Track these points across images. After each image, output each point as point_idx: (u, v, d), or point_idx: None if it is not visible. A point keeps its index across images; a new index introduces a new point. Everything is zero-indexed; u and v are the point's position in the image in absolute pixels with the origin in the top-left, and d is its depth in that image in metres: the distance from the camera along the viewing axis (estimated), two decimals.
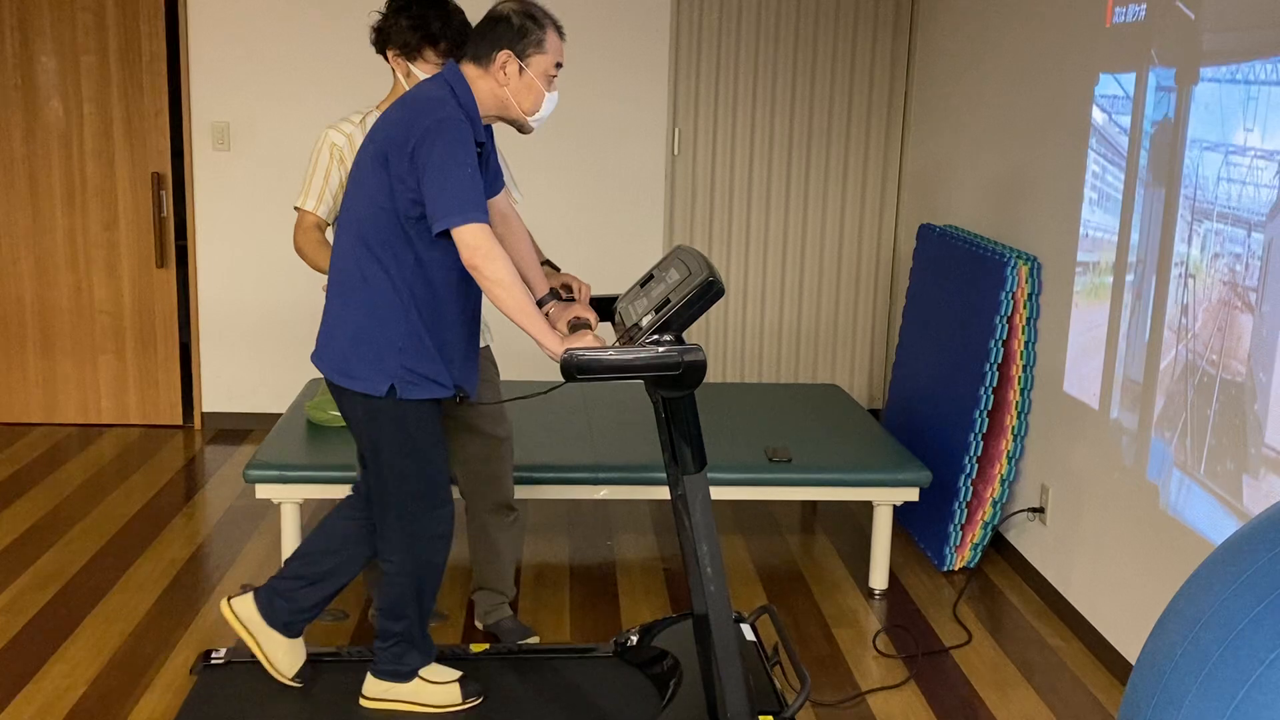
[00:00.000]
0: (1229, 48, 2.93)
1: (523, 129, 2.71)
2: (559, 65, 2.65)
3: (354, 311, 2.64)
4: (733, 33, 5.48)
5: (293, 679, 2.91)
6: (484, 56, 2.61)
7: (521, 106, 2.64)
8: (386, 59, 3.08)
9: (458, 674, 2.89)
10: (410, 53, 3.02)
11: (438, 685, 2.85)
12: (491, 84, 2.61)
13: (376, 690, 2.85)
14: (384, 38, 3.05)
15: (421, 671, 2.85)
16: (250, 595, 2.89)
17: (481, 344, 3.28)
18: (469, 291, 2.70)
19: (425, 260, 2.59)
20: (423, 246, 2.58)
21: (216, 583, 3.90)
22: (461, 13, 3.05)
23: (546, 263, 3.07)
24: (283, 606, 2.87)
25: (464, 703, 2.86)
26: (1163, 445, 3.20)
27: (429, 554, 2.77)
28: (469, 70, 2.62)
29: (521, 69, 2.60)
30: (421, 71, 3.01)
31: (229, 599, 2.90)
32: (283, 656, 2.89)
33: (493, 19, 2.62)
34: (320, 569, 2.86)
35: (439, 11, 3.00)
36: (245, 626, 2.88)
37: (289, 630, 2.88)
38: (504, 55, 2.59)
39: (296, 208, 3.17)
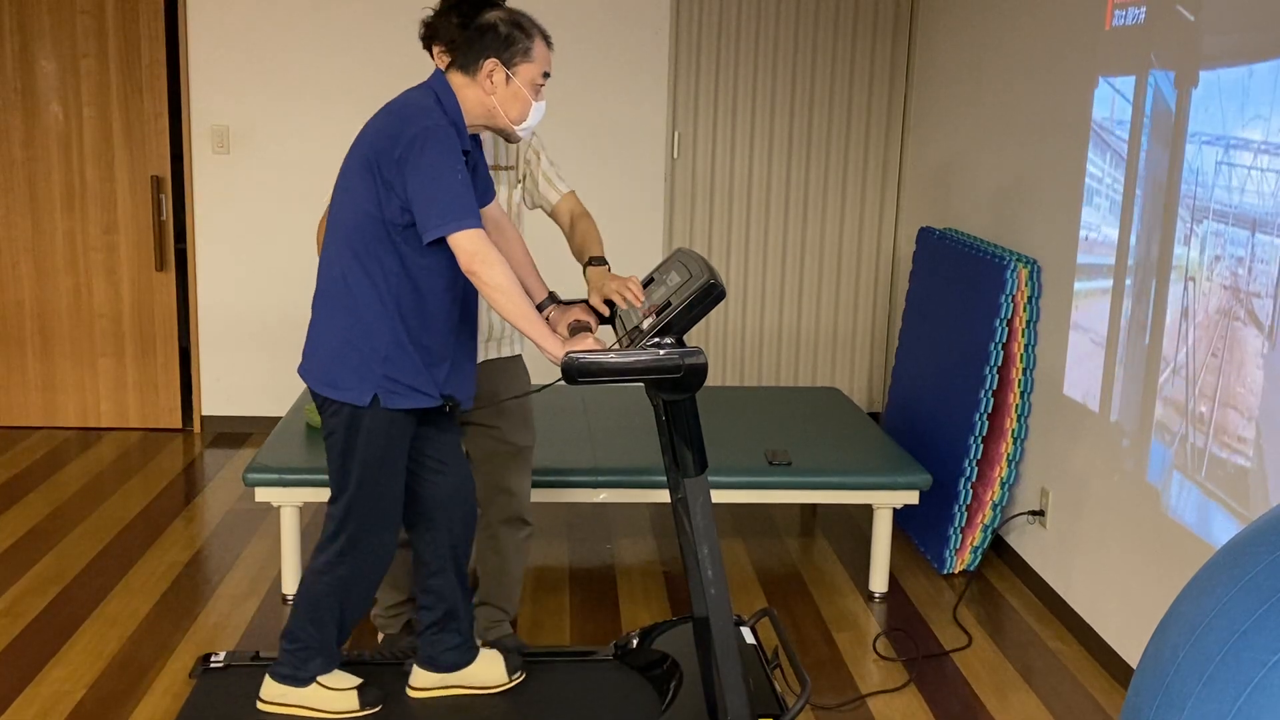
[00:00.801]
0: (1229, 50, 2.93)
1: (510, 138, 2.71)
2: (546, 75, 2.65)
3: (339, 320, 2.63)
4: (732, 36, 5.48)
5: (362, 707, 2.84)
6: (471, 65, 2.61)
7: (508, 115, 2.64)
8: (431, 55, 3.07)
9: (357, 681, 2.86)
10: (454, 48, 2.99)
11: (335, 691, 2.82)
12: (478, 93, 2.62)
13: (273, 693, 2.82)
14: (433, 33, 3.03)
15: (320, 677, 2.82)
16: (267, 676, 2.85)
17: (511, 353, 3.24)
18: (457, 299, 2.69)
19: (412, 268, 2.59)
20: (410, 254, 2.57)
21: (216, 586, 3.90)
22: None
23: (597, 259, 2.99)
24: (316, 662, 2.83)
25: (360, 710, 2.82)
26: (1163, 448, 3.20)
27: (366, 568, 2.76)
28: (456, 79, 2.63)
29: (508, 78, 2.60)
30: None
31: (259, 699, 2.84)
32: (335, 699, 2.84)
33: (480, 28, 2.62)
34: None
35: (490, 10, 2.99)
36: (287, 703, 2.83)
37: (328, 667, 2.85)
38: (490, 64, 2.59)
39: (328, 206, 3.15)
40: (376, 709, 2.84)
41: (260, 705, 2.82)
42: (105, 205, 5.45)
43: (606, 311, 2.79)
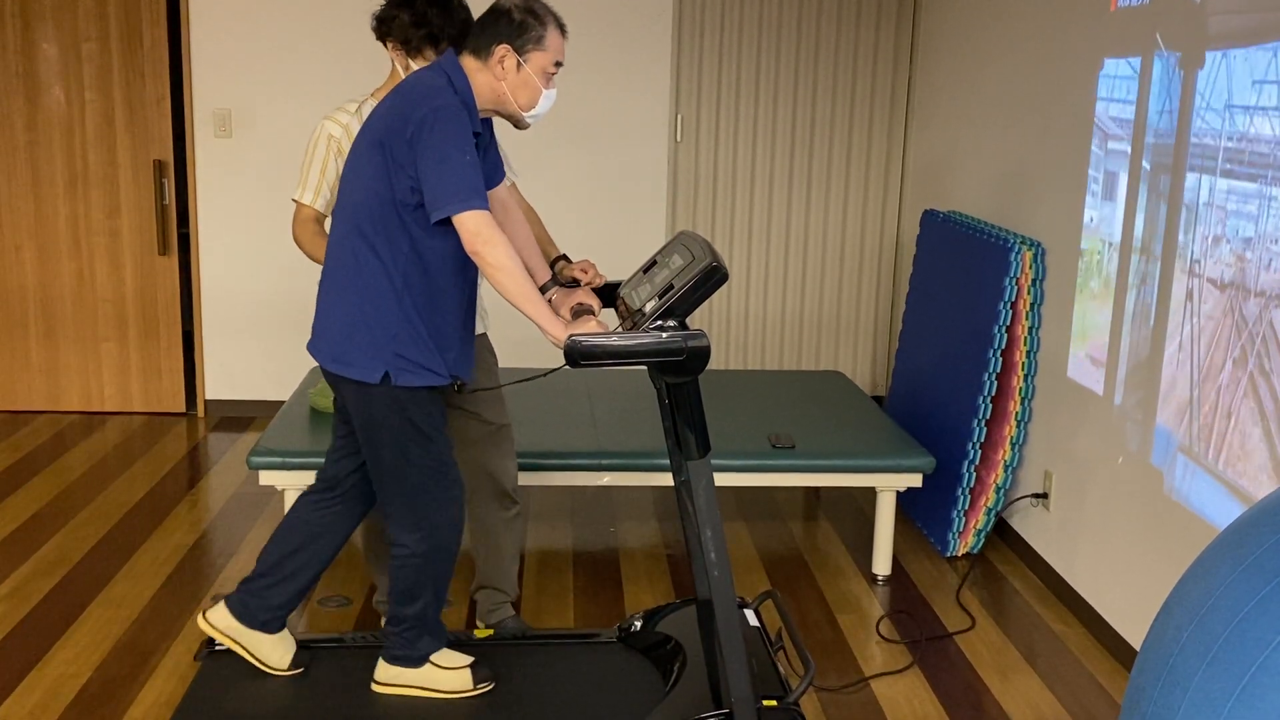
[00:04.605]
0: (1234, 31, 2.92)
1: (518, 124, 2.70)
2: (558, 64, 2.64)
3: (349, 299, 2.64)
4: (735, 20, 5.46)
5: (289, 669, 2.91)
6: (483, 49, 2.60)
7: (518, 102, 2.63)
8: (386, 47, 3.06)
9: (469, 659, 2.88)
10: (410, 48, 2.99)
11: (449, 670, 2.85)
12: (489, 78, 2.61)
13: (388, 675, 2.85)
14: (385, 29, 3.02)
15: (433, 657, 2.85)
16: (222, 604, 2.88)
17: (478, 331, 3.26)
18: (464, 279, 2.69)
19: (421, 248, 2.59)
20: (419, 234, 2.58)
21: (220, 569, 3.91)
22: (466, 8, 3.01)
23: (562, 257, 3.05)
24: (257, 605, 2.86)
25: (475, 688, 2.85)
26: (1167, 430, 3.20)
27: (439, 537, 2.76)
28: (468, 62, 2.62)
29: (519, 64, 2.60)
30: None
31: (203, 613, 2.90)
32: (270, 652, 2.89)
33: (494, 12, 2.61)
34: (287, 567, 2.85)
35: (441, 9, 2.97)
36: (226, 635, 2.88)
37: (269, 628, 2.88)
38: (502, 49, 2.58)
39: (294, 200, 3.15)
40: (490, 686, 2.87)
41: (375, 688, 2.85)
42: (108, 189, 5.45)
43: (597, 301, 2.79)
